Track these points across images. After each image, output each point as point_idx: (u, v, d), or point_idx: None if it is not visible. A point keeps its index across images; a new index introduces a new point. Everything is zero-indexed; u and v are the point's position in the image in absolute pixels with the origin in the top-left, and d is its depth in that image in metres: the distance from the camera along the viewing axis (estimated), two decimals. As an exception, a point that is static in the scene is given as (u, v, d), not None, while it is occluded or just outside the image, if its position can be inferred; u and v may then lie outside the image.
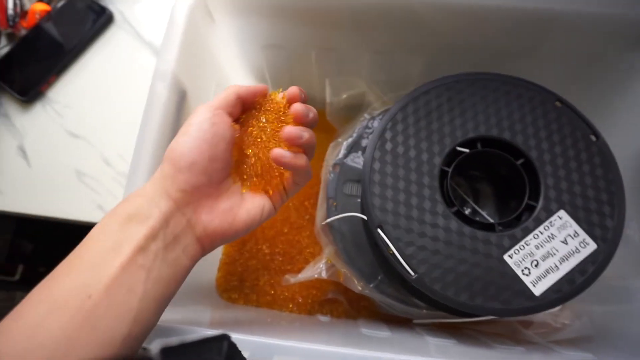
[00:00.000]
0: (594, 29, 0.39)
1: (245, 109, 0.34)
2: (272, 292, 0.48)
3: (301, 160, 0.32)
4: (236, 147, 0.33)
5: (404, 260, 0.33)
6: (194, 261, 0.30)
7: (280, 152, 0.32)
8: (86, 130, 0.57)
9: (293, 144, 0.32)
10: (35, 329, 0.23)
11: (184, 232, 0.29)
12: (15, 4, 0.58)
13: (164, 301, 0.28)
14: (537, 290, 0.32)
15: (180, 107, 0.38)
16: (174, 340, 0.24)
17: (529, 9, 0.38)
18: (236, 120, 0.33)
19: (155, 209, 0.28)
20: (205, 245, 0.31)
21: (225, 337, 0.25)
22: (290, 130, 0.32)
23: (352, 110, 0.46)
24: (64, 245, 0.27)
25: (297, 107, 0.33)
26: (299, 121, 0.33)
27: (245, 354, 0.28)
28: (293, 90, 0.33)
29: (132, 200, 0.28)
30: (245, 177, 0.33)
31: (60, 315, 0.24)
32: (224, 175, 0.32)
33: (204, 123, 0.30)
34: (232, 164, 0.33)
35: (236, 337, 0.29)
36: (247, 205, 0.33)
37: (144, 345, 0.29)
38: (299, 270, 0.43)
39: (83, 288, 0.25)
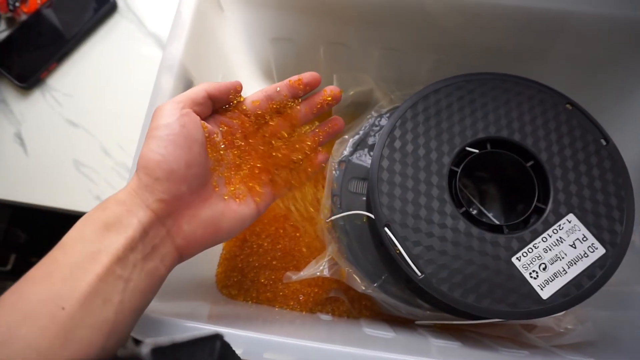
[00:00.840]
0: (605, 31, 0.39)
1: (217, 107, 0.33)
2: (273, 289, 0.47)
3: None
4: (213, 149, 0.32)
5: (411, 260, 0.33)
6: (170, 269, 0.29)
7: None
8: (86, 119, 0.56)
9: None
10: (7, 337, 0.22)
11: (162, 242, 0.28)
12: (16, -12, 0.57)
13: (139, 312, 0.27)
14: (545, 294, 0.32)
15: (186, 97, 0.38)
16: (164, 340, 0.23)
17: (541, 9, 0.38)
18: (205, 119, 0.32)
19: (134, 219, 0.26)
20: (184, 254, 0.30)
21: (217, 337, 0.24)
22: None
23: (359, 107, 0.46)
24: (58, 236, 0.26)
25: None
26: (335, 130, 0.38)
27: (238, 350, 0.27)
28: (314, 76, 0.36)
29: (110, 208, 0.27)
30: (233, 184, 0.33)
31: (32, 326, 0.22)
32: (204, 182, 0.31)
33: (174, 125, 0.28)
34: (210, 169, 0.31)
35: (228, 332, 0.29)
36: (231, 213, 0.31)
37: (138, 337, 0.29)
38: (301, 268, 0.42)
39: (56, 299, 0.23)
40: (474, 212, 0.41)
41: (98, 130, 0.55)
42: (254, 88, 0.55)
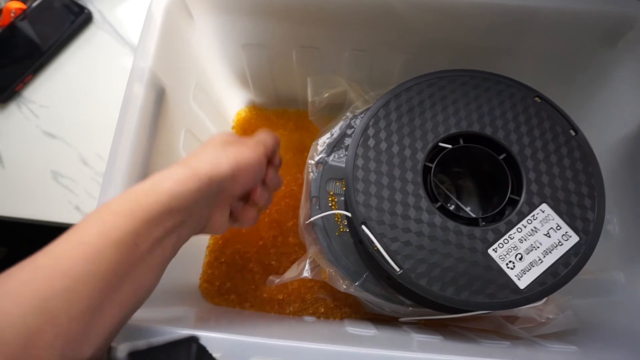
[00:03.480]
0: (570, 26, 0.39)
1: None
2: (256, 293, 0.47)
3: None
4: None
5: (389, 256, 0.33)
6: None
7: None
8: (63, 130, 0.55)
9: None
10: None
11: None
12: (-12, 3, 0.57)
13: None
14: (522, 284, 0.32)
15: (158, 105, 0.38)
16: (141, 344, 0.23)
17: (508, 5, 0.38)
18: None
19: None
20: None
21: (193, 339, 0.24)
22: None
23: (334, 109, 0.46)
24: (40, 249, 0.26)
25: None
26: None
27: (217, 354, 0.27)
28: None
29: None
30: None
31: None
32: None
33: None
34: None
35: (206, 335, 0.28)
36: None
37: (114, 344, 0.28)
38: (283, 271, 0.42)
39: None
40: (452, 207, 0.41)
41: (76, 140, 0.55)
42: (229, 94, 0.55)
